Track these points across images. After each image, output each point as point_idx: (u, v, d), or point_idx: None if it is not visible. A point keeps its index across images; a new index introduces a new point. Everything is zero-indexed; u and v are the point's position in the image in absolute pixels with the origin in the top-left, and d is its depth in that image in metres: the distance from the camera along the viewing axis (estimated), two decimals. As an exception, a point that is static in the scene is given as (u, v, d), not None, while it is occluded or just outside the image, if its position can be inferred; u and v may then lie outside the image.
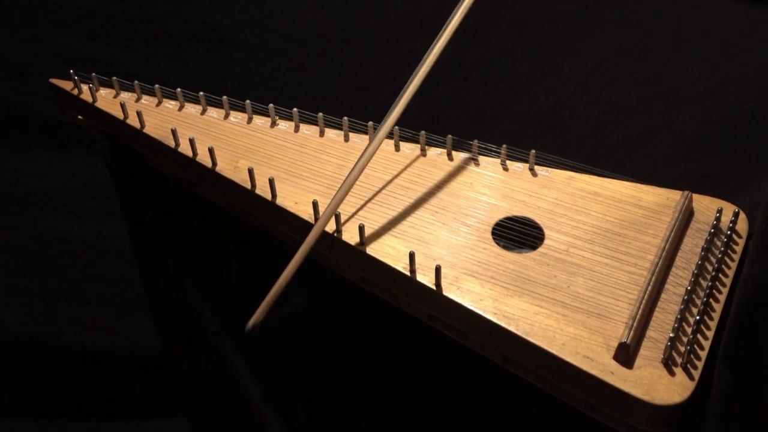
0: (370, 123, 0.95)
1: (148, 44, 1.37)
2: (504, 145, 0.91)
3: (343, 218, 0.82)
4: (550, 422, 0.83)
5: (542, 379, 0.73)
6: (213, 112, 1.00)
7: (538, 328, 0.72)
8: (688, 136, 1.58)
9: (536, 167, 0.91)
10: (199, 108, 1.01)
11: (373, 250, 0.80)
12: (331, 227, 0.82)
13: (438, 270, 0.75)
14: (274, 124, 0.99)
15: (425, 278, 0.77)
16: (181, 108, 1.01)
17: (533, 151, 0.91)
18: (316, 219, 0.83)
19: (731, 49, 1.30)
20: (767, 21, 1.25)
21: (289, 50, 1.44)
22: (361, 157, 0.83)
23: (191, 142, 0.91)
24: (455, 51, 1.50)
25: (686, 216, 0.84)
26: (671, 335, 0.69)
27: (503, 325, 0.72)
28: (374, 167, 0.91)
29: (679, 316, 0.72)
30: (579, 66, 1.53)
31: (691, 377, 0.68)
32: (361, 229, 0.80)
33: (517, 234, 0.82)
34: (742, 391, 0.61)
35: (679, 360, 0.69)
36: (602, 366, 0.68)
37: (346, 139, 0.96)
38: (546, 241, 0.81)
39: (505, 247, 0.81)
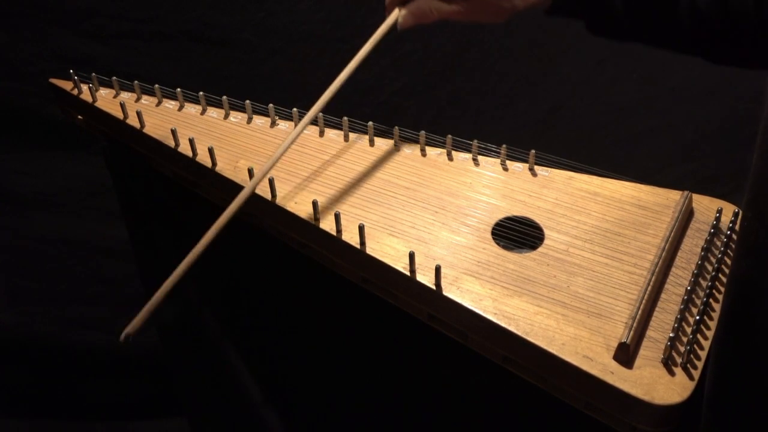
0: (370, 123, 0.95)
1: (148, 44, 1.37)
2: (504, 145, 0.91)
3: (343, 218, 0.82)
4: (550, 422, 0.83)
5: (542, 379, 0.73)
6: (213, 112, 1.00)
7: (538, 328, 0.72)
8: (688, 136, 1.58)
9: (536, 167, 0.91)
10: (199, 108, 1.01)
11: (373, 250, 0.80)
12: (331, 227, 0.82)
13: (438, 270, 0.75)
14: (274, 124, 0.99)
15: (425, 278, 0.77)
16: (181, 108, 1.01)
17: (533, 151, 0.90)
18: (316, 219, 0.83)
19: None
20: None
21: (289, 50, 1.44)
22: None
23: (191, 142, 0.91)
24: (455, 51, 1.50)
25: (686, 216, 0.84)
26: (671, 335, 0.69)
27: (503, 325, 0.72)
28: (374, 167, 0.91)
29: (679, 316, 0.72)
30: (579, 66, 1.53)
31: (690, 377, 0.68)
32: (361, 229, 0.79)
33: (517, 234, 0.82)
34: (730, 388, 0.62)
35: (679, 360, 0.69)
36: (602, 366, 0.68)
37: (346, 139, 0.96)
38: (546, 241, 0.81)
39: (505, 247, 0.81)
